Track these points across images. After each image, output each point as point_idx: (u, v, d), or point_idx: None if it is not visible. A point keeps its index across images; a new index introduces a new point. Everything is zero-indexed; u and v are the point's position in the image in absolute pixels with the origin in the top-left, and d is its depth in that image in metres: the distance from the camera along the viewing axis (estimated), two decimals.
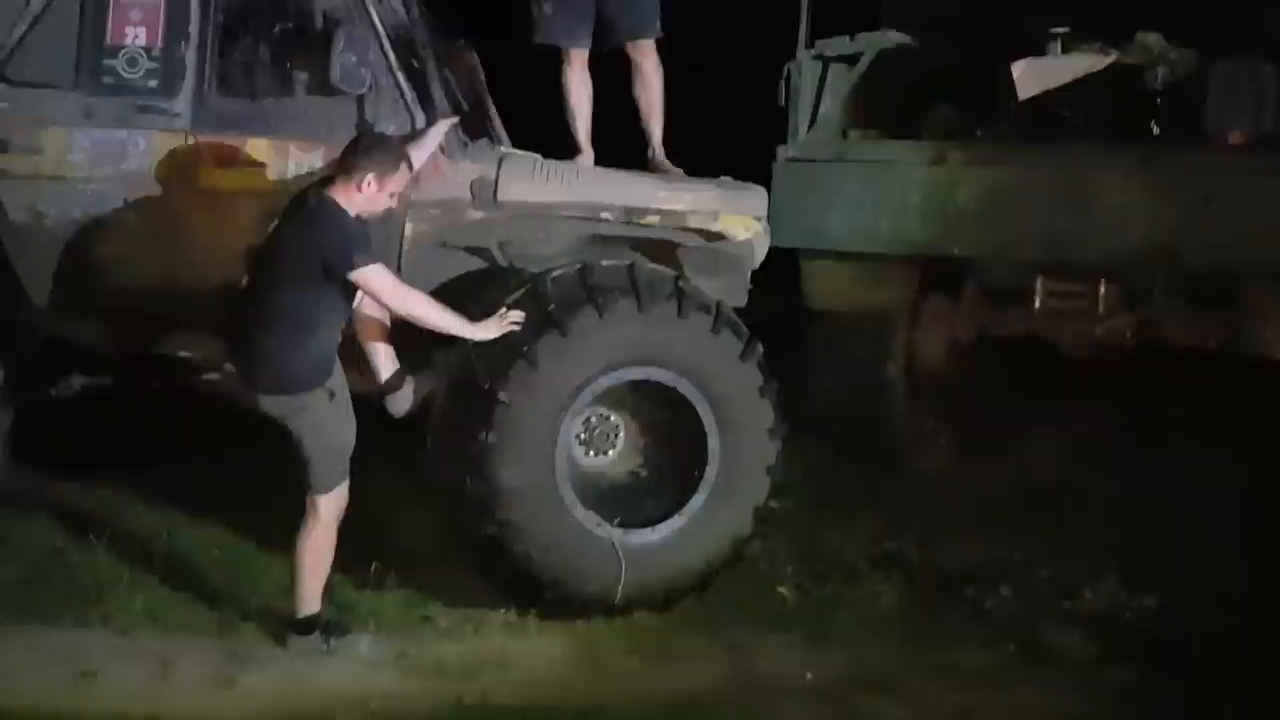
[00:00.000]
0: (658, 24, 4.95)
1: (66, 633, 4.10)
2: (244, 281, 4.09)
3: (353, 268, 3.84)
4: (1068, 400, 5.97)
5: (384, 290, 3.94)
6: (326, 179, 4.02)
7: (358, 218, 3.95)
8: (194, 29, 4.50)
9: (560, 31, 4.90)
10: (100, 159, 4.47)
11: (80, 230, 4.50)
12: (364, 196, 3.92)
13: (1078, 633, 4.49)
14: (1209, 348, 5.61)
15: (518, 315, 4.22)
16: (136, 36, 4.51)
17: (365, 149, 3.96)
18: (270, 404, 3.95)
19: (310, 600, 4.06)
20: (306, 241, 3.85)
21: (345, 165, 3.94)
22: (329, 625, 4.12)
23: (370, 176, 3.90)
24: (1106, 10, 6.13)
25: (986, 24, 6.62)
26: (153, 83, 4.50)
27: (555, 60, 5.01)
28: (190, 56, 4.50)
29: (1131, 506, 5.32)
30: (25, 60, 4.48)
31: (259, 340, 3.93)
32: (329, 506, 3.99)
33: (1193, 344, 5.65)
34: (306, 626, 4.07)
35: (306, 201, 3.93)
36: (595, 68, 5.02)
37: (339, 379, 4.02)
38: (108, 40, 4.50)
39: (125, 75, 4.50)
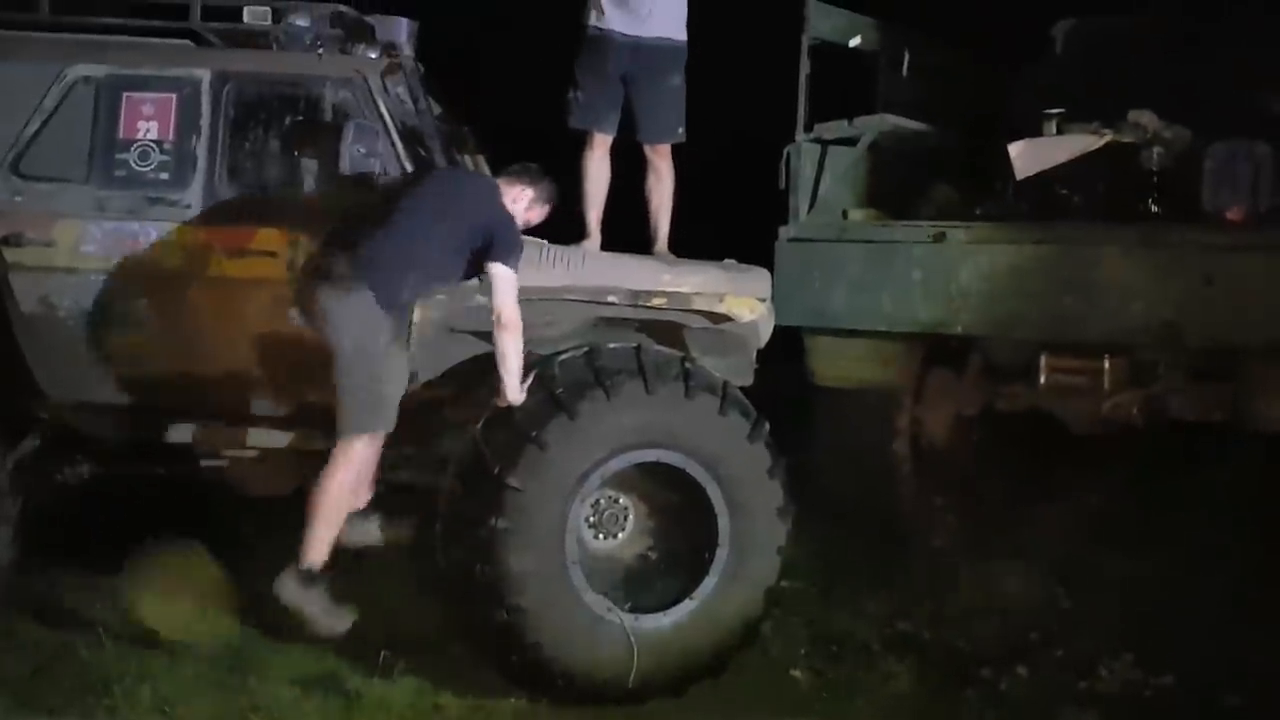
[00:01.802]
0: (679, 130, 5.11)
1: None
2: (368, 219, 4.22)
3: (507, 261, 4.12)
4: (1076, 475, 5.96)
5: (506, 295, 4.15)
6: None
7: None
8: (204, 123, 4.58)
9: (589, 116, 5.03)
10: (112, 250, 4.53)
11: (92, 321, 4.54)
12: (510, 201, 4.23)
13: (1096, 713, 4.43)
14: (1214, 422, 5.62)
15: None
16: (148, 130, 4.59)
17: (540, 172, 4.39)
18: (328, 299, 4.03)
19: (318, 549, 4.01)
20: (478, 207, 4.14)
21: (514, 172, 4.36)
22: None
23: (531, 193, 4.31)
24: (1101, 91, 6.26)
25: (982, 106, 6.75)
26: (164, 175, 4.57)
27: (564, 145, 5.12)
28: (201, 149, 4.58)
29: (1144, 583, 5.28)
30: (39, 155, 4.57)
31: (359, 250, 4.07)
32: (359, 450, 3.99)
33: (1198, 419, 5.67)
34: (308, 578, 4.02)
35: (478, 180, 4.30)
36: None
37: (403, 327, 4.19)
38: (120, 134, 4.59)
39: (137, 168, 4.58)
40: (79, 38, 4.70)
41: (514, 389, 4.24)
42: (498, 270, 4.12)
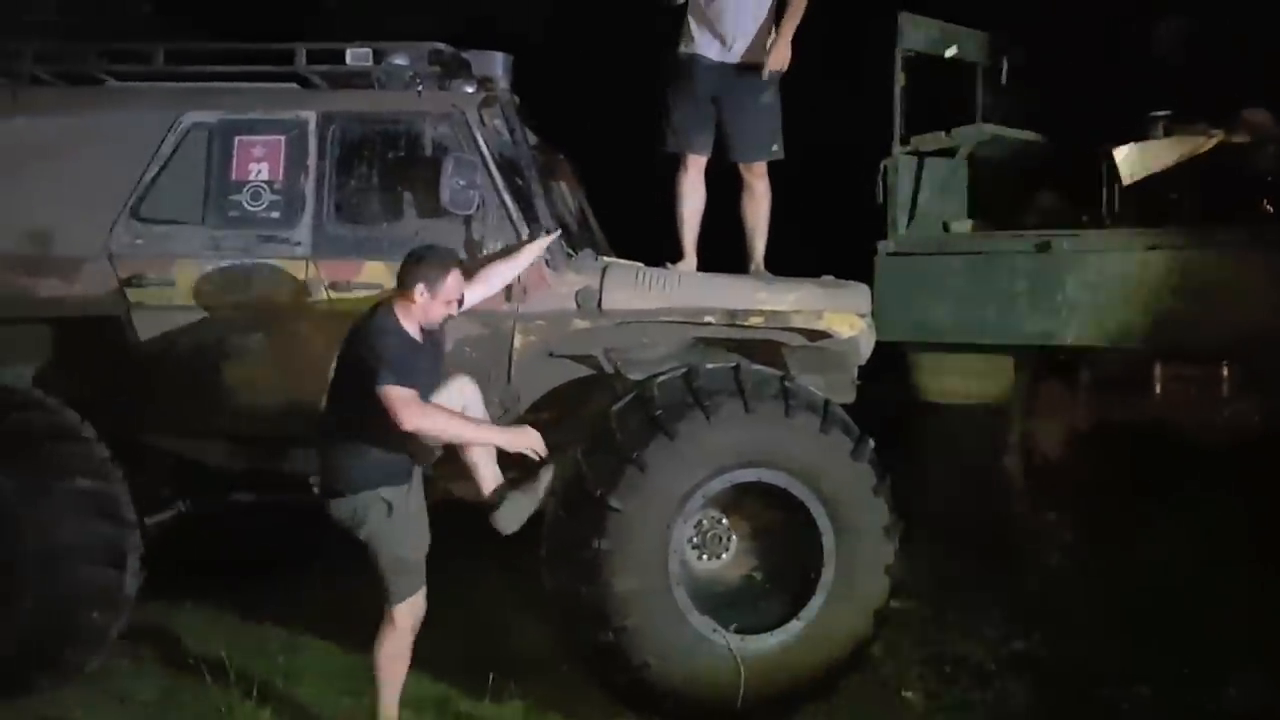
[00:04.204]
0: (775, 147, 5.10)
1: None
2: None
3: (379, 384, 3.81)
4: (1195, 489, 5.75)
5: (404, 411, 3.81)
6: (386, 298, 4.13)
7: (422, 330, 4.04)
8: (312, 162, 4.75)
9: (681, 139, 5.07)
10: (228, 288, 4.71)
11: (210, 356, 4.72)
12: (419, 306, 4.01)
13: None
14: None
15: (531, 432, 4.12)
16: (259, 172, 4.77)
17: (415, 260, 4.03)
18: (335, 509, 4.03)
19: (387, 710, 4.08)
20: (361, 353, 3.95)
21: (399, 278, 4.05)
22: None
23: (421, 286, 3.98)
24: (1210, 91, 6.07)
25: (1085, 111, 6.60)
26: (275, 214, 4.74)
27: (658, 167, 5.17)
28: (309, 188, 4.74)
29: (1269, 597, 5.06)
30: (157, 199, 4.77)
31: (329, 448, 4.05)
32: (402, 616, 4.03)
33: None
34: None
35: (369, 315, 4.05)
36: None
37: (401, 492, 4.03)
38: (233, 176, 4.77)
39: (249, 208, 4.75)
40: (192, 85, 4.91)
41: (501, 440, 4.12)
42: (379, 394, 3.81)
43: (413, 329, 4.00)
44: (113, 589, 4.50)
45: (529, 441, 4.07)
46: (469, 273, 4.30)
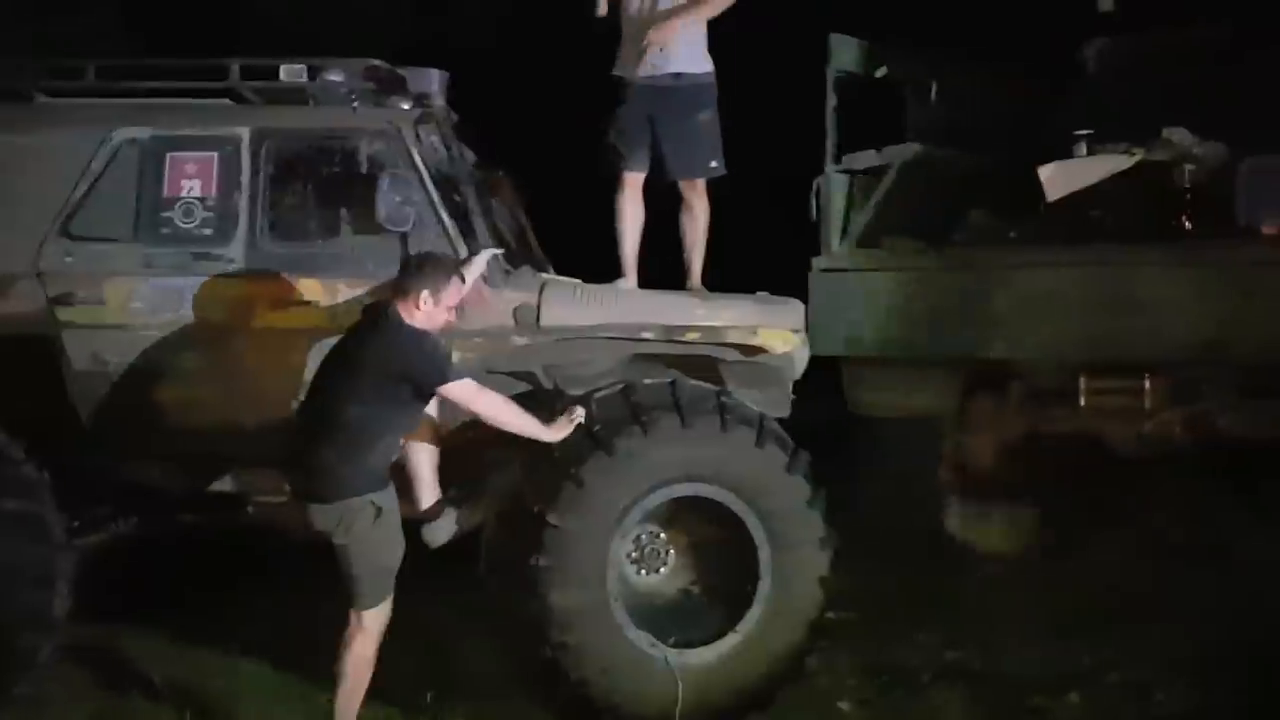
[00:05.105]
0: (714, 163, 5.14)
1: None
2: (306, 395, 4.20)
3: (445, 381, 4.01)
4: (1125, 498, 5.90)
5: (474, 400, 4.09)
6: (386, 301, 4.15)
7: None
8: (245, 179, 4.70)
9: (618, 158, 5.10)
10: (160, 306, 4.65)
11: (141, 375, 4.66)
12: (423, 314, 4.07)
13: None
14: (1264, 438, 5.54)
15: (579, 411, 4.34)
16: (192, 188, 4.72)
17: (418, 267, 4.14)
18: (319, 515, 4.00)
19: (346, 716, 4.05)
20: (387, 359, 3.99)
21: (401, 286, 4.11)
22: None
23: (426, 293, 4.06)
24: (1133, 109, 6.24)
25: (1011, 130, 6.75)
26: (208, 231, 4.69)
27: (597, 186, 5.20)
28: (243, 205, 4.70)
29: (1197, 605, 5.20)
30: (88, 217, 4.70)
31: (316, 451, 4.01)
32: (372, 622, 4.02)
33: (1250, 436, 5.59)
34: None
35: (379, 321, 4.07)
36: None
37: (389, 497, 4.08)
38: (165, 193, 4.71)
39: (182, 226, 4.70)
40: (123, 102, 4.85)
41: (547, 435, 4.28)
42: (448, 390, 4.05)
43: None
44: (41, 611, 4.40)
45: (570, 426, 4.27)
46: None
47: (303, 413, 4.17)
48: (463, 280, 4.23)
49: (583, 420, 4.34)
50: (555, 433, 4.28)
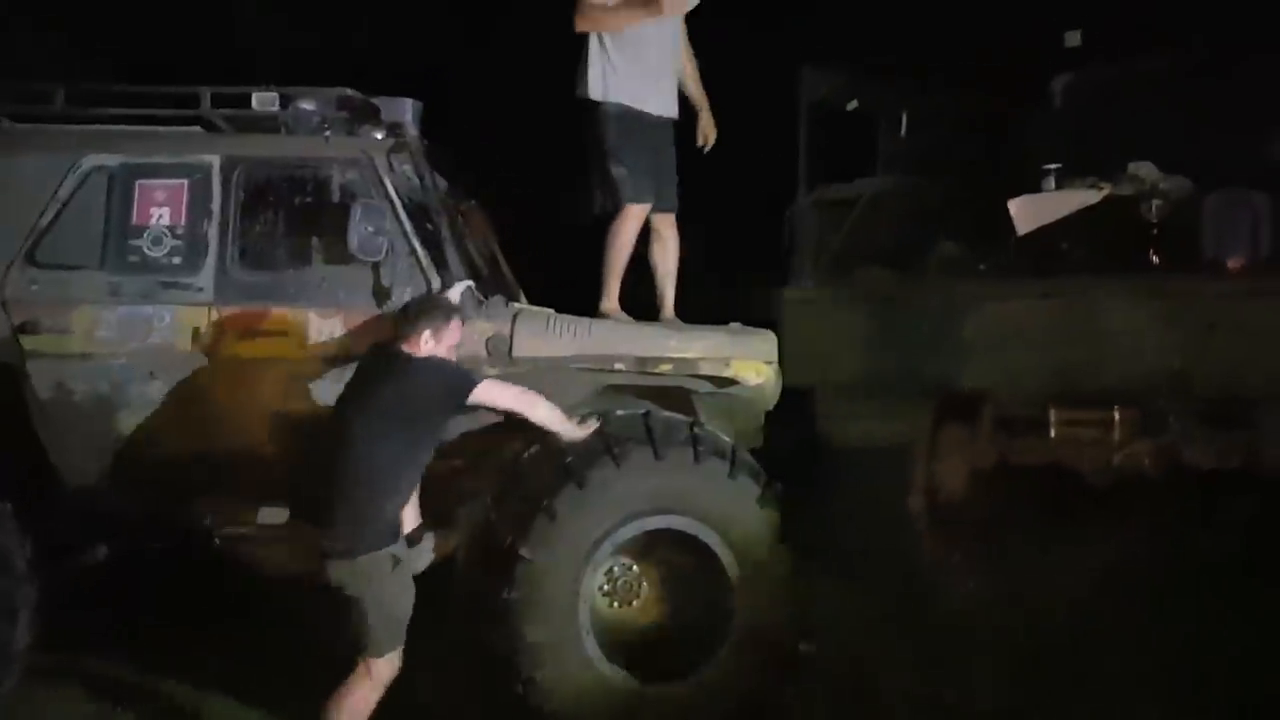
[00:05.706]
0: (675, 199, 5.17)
1: None
2: (318, 451, 4.12)
3: (474, 385, 4.08)
4: (1095, 527, 5.92)
5: (504, 395, 4.18)
6: (388, 344, 4.16)
7: None
8: (215, 207, 4.68)
9: (629, 189, 5.02)
10: (127, 335, 4.60)
11: (107, 405, 4.60)
12: (425, 354, 4.10)
13: None
14: (1231, 469, 5.60)
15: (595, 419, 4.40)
16: (161, 216, 4.69)
17: (417, 308, 4.23)
18: (339, 571, 3.95)
19: None
20: (412, 393, 4.01)
21: (402, 329, 4.15)
22: None
23: (427, 334, 4.10)
24: (1100, 144, 6.32)
25: (981, 163, 6.82)
26: (177, 260, 4.66)
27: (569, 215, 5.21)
28: (212, 233, 4.67)
29: (1166, 636, 5.22)
30: (54, 244, 4.66)
31: (337, 507, 3.96)
32: (381, 670, 3.99)
33: (1214, 466, 5.64)
34: None
35: (391, 362, 4.06)
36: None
37: (403, 546, 4.06)
38: (133, 221, 4.68)
39: (150, 254, 4.67)
40: (92, 128, 4.81)
41: (572, 431, 4.36)
42: (481, 394, 4.10)
43: None
44: (3, 643, 4.33)
45: (588, 433, 4.37)
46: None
47: (316, 468, 4.09)
48: (461, 321, 4.25)
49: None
50: (579, 430, 4.35)
